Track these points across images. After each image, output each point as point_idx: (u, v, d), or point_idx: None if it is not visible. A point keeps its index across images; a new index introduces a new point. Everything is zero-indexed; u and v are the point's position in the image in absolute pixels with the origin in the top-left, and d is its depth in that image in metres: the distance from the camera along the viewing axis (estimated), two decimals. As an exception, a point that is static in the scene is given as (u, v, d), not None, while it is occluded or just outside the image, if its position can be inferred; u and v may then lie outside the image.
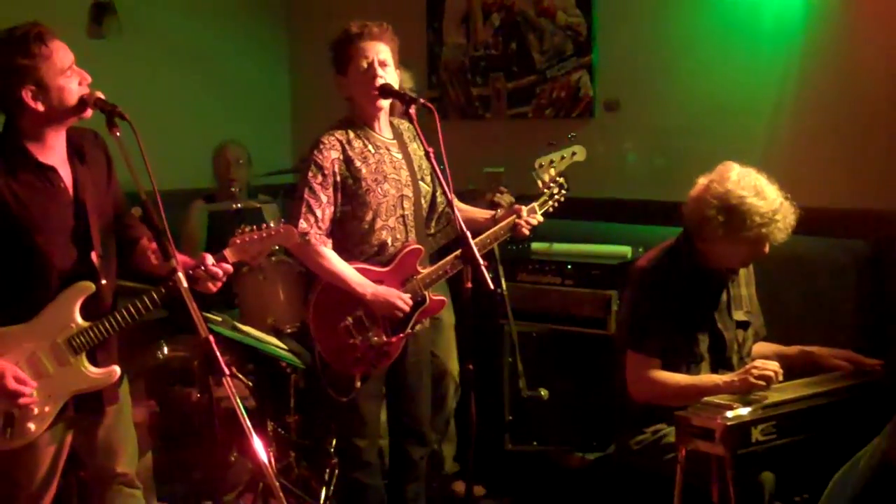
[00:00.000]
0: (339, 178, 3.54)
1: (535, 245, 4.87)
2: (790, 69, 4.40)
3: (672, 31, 4.85)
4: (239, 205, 4.91)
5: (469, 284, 3.28)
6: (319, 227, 3.51)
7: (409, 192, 3.66)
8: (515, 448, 4.69)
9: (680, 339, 3.40)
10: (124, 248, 3.22)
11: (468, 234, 3.24)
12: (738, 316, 3.53)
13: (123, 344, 3.20)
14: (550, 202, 3.82)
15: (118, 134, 2.89)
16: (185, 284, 2.76)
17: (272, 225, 3.15)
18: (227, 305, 4.71)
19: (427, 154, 3.35)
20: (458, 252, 3.48)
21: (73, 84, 2.96)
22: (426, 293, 3.63)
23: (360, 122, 3.63)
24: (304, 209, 3.50)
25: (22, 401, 2.88)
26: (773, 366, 3.24)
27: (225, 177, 5.27)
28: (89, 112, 3.01)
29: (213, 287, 3.05)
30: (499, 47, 5.53)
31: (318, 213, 3.51)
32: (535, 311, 4.70)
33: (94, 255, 3.04)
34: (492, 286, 3.19)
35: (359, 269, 3.56)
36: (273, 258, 4.58)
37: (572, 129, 5.18)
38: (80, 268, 3.01)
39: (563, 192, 3.85)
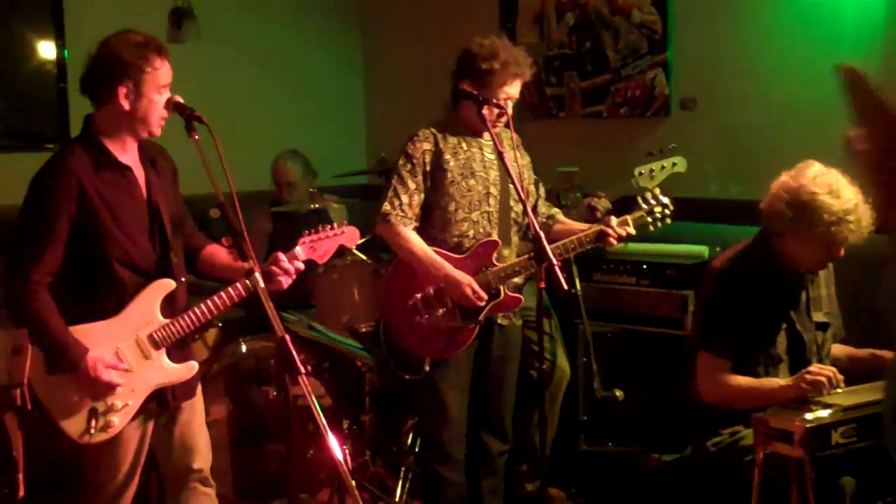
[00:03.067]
0: (427, 169, 3.65)
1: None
2: (870, 67, 4.29)
3: (749, 27, 4.78)
4: (314, 206, 4.96)
5: (543, 284, 3.30)
6: (403, 211, 3.61)
7: (495, 190, 3.72)
8: (590, 448, 4.66)
9: (756, 340, 3.36)
10: (188, 256, 3.31)
11: (542, 234, 3.26)
12: (818, 317, 3.47)
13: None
14: (650, 219, 3.80)
15: (196, 137, 2.96)
16: (262, 284, 2.81)
17: (336, 226, 3.27)
18: (303, 305, 4.77)
19: (500, 155, 3.37)
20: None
21: (161, 102, 3.06)
22: (501, 287, 3.66)
23: (462, 125, 3.72)
24: (390, 193, 3.63)
25: (110, 390, 2.97)
26: (829, 371, 3.18)
27: (280, 195, 5.26)
28: (157, 131, 3.11)
29: (283, 283, 3.15)
30: (573, 46, 5.51)
31: (405, 198, 3.62)
32: (609, 312, 4.66)
33: (172, 255, 3.14)
34: (566, 286, 3.21)
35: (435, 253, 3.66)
36: (348, 258, 4.62)
37: (647, 128, 5.17)
38: (158, 266, 3.11)
39: (667, 212, 3.82)
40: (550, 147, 5.28)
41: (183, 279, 3.17)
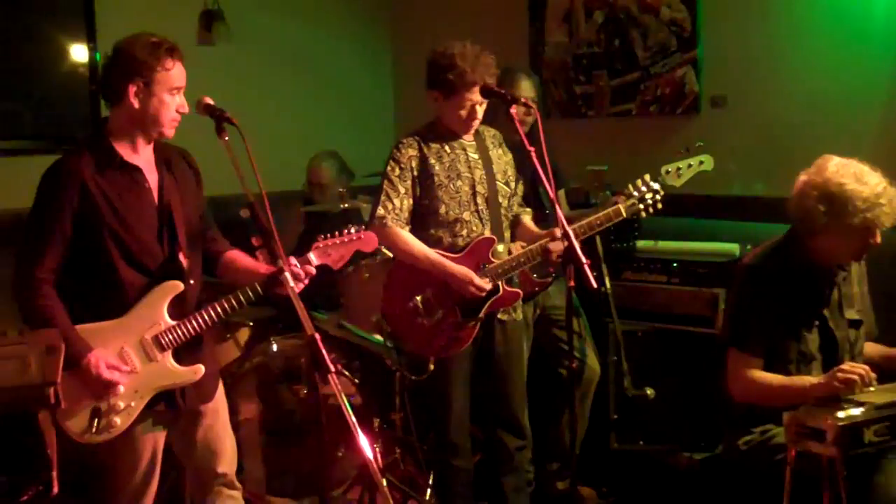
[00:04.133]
0: (415, 174, 3.72)
1: (641, 243, 4.82)
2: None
3: (779, 24, 4.76)
4: (345, 206, 4.97)
5: (572, 283, 3.31)
6: (396, 214, 3.67)
7: (482, 188, 3.78)
8: (621, 447, 4.65)
9: (787, 338, 3.34)
10: (209, 261, 3.32)
11: (572, 233, 3.26)
12: (850, 314, 3.44)
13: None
14: (641, 206, 3.81)
15: (226, 138, 2.98)
16: (291, 284, 2.82)
17: (352, 231, 3.24)
18: (333, 304, 4.79)
19: (528, 154, 3.38)
20: (532, 246, 3.67)
21: (173, 103, 3.08)
22: (499, 283, 3.70)
23: (442, 129, 3.78)
24: (382, 198, 3.69)
25: (111, 389, 2.98)
26: (861, 369, 3.15)
27: (313, 195, 5.30)
28: (169, 133, 3.12)
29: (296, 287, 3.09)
30: (602, 44, 5.49)
31: (396, 202, 3.68)
32: (640, 310, 4.66)
33: (181, 256, 3.14)
34: (595, 284, 3.20)
35: None
36: (378, 257, 4.63)
37: (677, 126, 5.15)
38: (167, 268, 3.11)
39: (658, 198, 3.81)
40: (579, 146, 5.28)
41: (192, 281, 3.16)
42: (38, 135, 5.58)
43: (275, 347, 4.43)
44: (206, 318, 3.10)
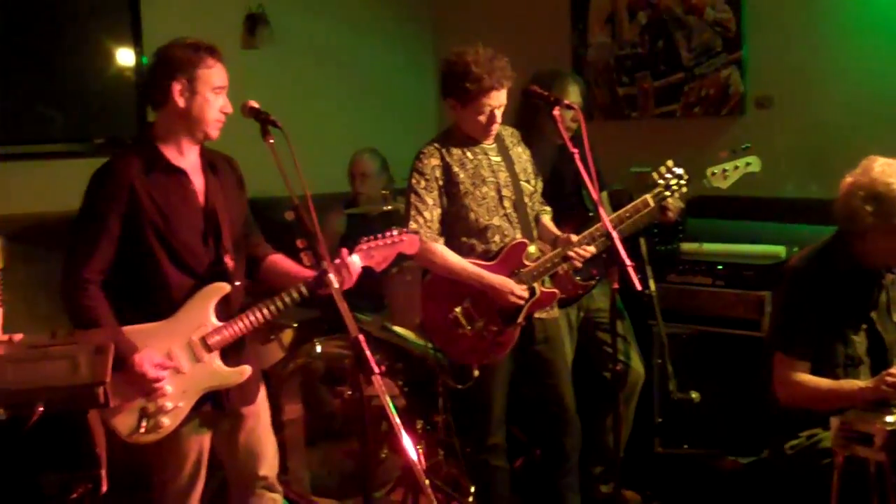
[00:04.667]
0: (440, 183, 3.69)
1: (685, 245, 4.79)
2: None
3: (825, 24, 4.71)
4: (387, 207, 4.99)
5: (616, 285, 3.29)
6: (429, 227, 3.65)
7: (508, 192, 3.75)
8: (665, 451, 4.63)
9: (834, 341, 3.30)
10: (251, 265, 3.35)
11: (615, 234, 3.26)
12: (899, 317, 3.41)
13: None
14: (668, 193, 3.80)
15: (271, 141, 3.01)
16: (335, 286, 2.84)
17: (395, 233, 3.24)
18: (377, 306, 4.80)
19: (572, 156, 3.37)
20: (559, 250, 3.67)
21: (216, 103, 3.11)
22: (535, 285, 3.69)
23: (461, 135, 3.75)
24: (412, 212, 3.67)
25: (159, 388, 3.01)
26: None
27: (354, 189, 5.35)
28: (214, 135, 3.14)
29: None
30: (645, 46, 5.47)
31: (427, 214, 3.66)
32: (684, 313, 4.62)
33: (227, 259, 3.16)
34: (639, 286, 3.19)
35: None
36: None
37: (721, 128, 5.11)
38: (213, 270, 3.14)
39: (682, 182, 3.80)
40: (623, 147, 5.25)
41: (238, 283, 3.18)
42: (85, 138, 5.66)
43: (318, 349, 4.46)
44: (253, 319, 3.12)
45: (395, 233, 3.26)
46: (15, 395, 2.55)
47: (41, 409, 2.55)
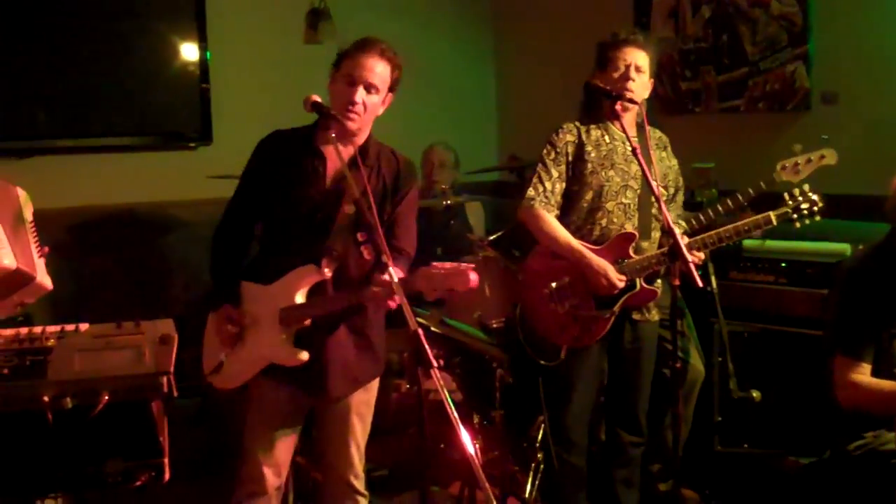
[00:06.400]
0: (570, 159, 3.72)
1: (747, 242, 4.72)
2: None
3: (893, 17, 4.61)
4: (448, 202, 5.01)
5: (677, 282, 3.27)
6: (546, 197, 3.70)
7: (635, 184, 3.75)
8: (725, 450, 4.58)
9: (893, 341, 3.24)
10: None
11: (676, 230, 3.23)
12: (959, 316, 3.33)
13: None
14: (795, 215, 3.74)
15: (332, 135, 3.03)
16: (395, 279, 2.84)
17: (459, 265, 2.96)
18: (434, 302, 4.81)
19: (633, 151, 3.36)
20: (667, 248, 3.51)
21: (345, 95, 3.17)
22: (637, 280, 3.67)
23: (604, 116, 3.78)
24: (535, 180, 3.73)
25: (229, 347, 3.22)
26: None
27: (429, 177, 5.41)
28: (349, 125, 3.16)
29: (391, 305, 3.07)
30: (709, 40, 5.41)
31: (548, 185, 3.71)
32: (746, 310, 4.57)
33: (334, 244, 3.19)
34: (701, 283, 3.16)
35: None
36: (480, 255, 4.65)
37: (786, 123, 5.03)
38: (318, 252, 3.18)
39: (815, 209, 3.73)
40: (685, 143, 5.16)
41: (327, 271, 3.19)
42: (151, 132, 5.75)
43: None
44: (329, 304, 3.17)
45: (461, 265, 2.97)
46: (81, 383, 2.60)
47: (106, 397, 2.59)
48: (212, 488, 3.73)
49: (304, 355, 3.19)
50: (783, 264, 4.52)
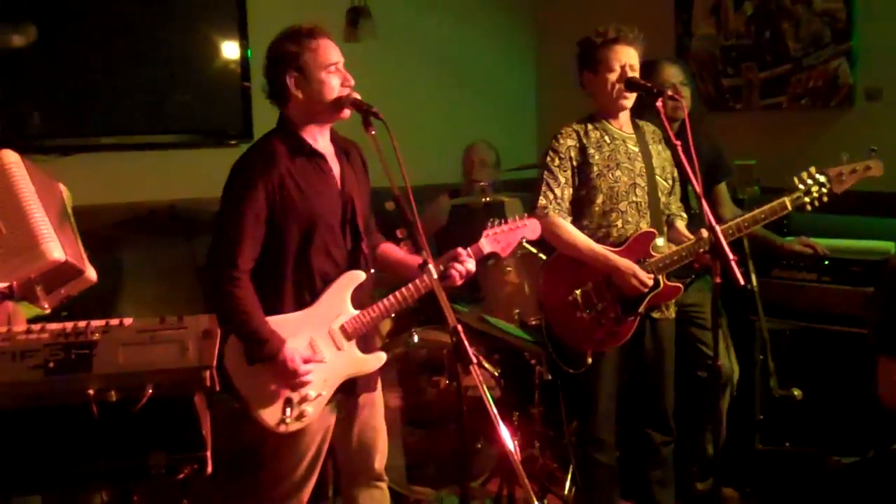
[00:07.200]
0: (574, 164, 3.71)
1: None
2: None
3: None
4: (487, 199, 5.01)
5: (719, 280, 3.25)
6: (558, 204, 3.68)
7: (642, 181, 3.75)
8: (766, 448, 4.54)
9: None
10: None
11: (717, 228, 3.20)
12: None
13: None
14: (807, 199, 3.71)
15: (373, 132, 3.04)
16: (435, 276, 2.85)
17: (517, 219, 3.27)
18: (473, 298, 4.82)
19: (674, 148, 3.34)
20: (692, 241, 3.62)
21: (333, 81, 3.12)
22: (660, 277, 3.66)
23: (601, 117, 3.78)
24: (543, 188, 3.70)
25: (306, 382, 3.05)
26: None
27: (469, 176, 5.43)
28: (346, 113, 3.15)
29: (457, 280, 3.17)
30: (751, 36, 5.37)
31: (557, 191, 3.69)
32: (788, 308, 4.54)
33: (363, 245, 3.21)
34: (742, 281, 3.14)
35: None
36: (518, 252, 4.64)
37: (830, 120, 4.98)
38: (350, 257, 3.18)
39: (824, 191, 3.70)
40: (727, 139, 5.14)
41: (372, 271, 3.23)
42: (192, 129, 5.79)
43: (416, 338, 4.48)
44: (387, 306, 3.16)
45: (516, 218, 3.31)
46: (125, 377, 2.62)
47: (150, 391, 2.62)
48: (253, 482, 3.76)
49: (383, 356, 3.21)
50: (826, 262, 4.47)
